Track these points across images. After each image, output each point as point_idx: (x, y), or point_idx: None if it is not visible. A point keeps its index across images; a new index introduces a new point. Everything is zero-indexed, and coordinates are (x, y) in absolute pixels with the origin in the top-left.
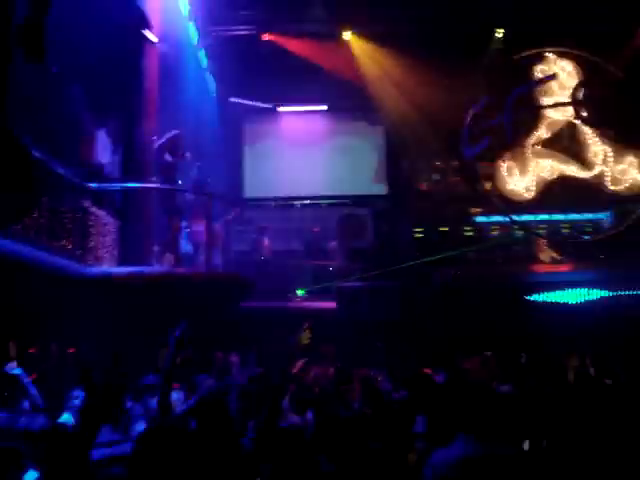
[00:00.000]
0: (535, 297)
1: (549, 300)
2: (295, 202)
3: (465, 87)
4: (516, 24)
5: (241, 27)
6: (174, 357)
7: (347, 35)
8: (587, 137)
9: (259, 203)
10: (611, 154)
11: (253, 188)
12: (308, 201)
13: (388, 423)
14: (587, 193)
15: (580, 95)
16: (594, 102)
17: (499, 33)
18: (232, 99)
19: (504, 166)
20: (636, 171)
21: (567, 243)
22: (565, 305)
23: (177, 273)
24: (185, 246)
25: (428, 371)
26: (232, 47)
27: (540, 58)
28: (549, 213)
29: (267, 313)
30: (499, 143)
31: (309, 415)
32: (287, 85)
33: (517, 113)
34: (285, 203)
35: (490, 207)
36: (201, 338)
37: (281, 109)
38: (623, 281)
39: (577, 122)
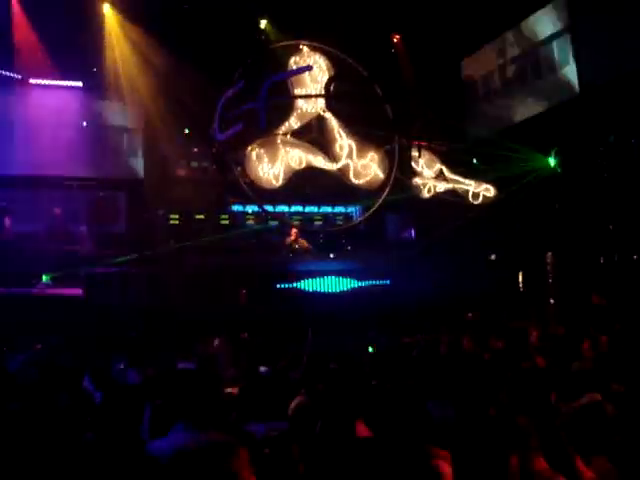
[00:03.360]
0: (286, 285)
1: (300, 288)
2: (42, 182)
3: (223, 71)
4: (277, 15)
5: None
6: None
7: (106, 8)
8: (334, 131)
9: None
10: (355, 148)
11: None
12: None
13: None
14: (335, 186)
15: (331, 89)
16: (343, 97)
17: (262, 23)
18: None
19: (254, 153)
20: (376, 166)
21: (319, 234)
22: (316, 293)
23: None
24: None
25: None
26: None
27: (296, 50)
28: (303, 205)
29: (7, 299)
30: (250, 130)
31: None
32: (41, 56)
33: (270, 101)
34: (31, 183)
35: (246, 196)
36: None
37: (32, 81)
38: (367, 272)
39: (326, 115)
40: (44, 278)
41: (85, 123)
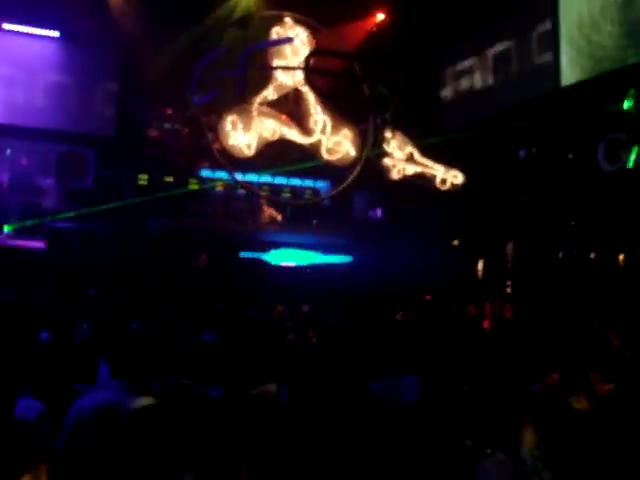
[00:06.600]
0: (250, 254)
1: (263, 259)
2: (8, 132)
3: (205, 35)
4: None
5: None
6: None
7: None
8: (310, 105)
9: None
10: (329, 124)
11: None
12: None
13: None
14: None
15: (310, 63)
16: (321, 72)
17: None
18: None
19: (228, 120)
20: (348, 143)
21: (286, 206)
22: (277, 266)
23: None
24: None
25: None
26: None
27: (279, 20)
28: (273, 175)
29: None
30: (227, 97)
31: None
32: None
33: (249, 70)
34: None
35: (216, 162)
36: None
37: (6, 27)
38: (330, 248)
39: (303, 89)
40: (6, 228)
41: (58, 75)
